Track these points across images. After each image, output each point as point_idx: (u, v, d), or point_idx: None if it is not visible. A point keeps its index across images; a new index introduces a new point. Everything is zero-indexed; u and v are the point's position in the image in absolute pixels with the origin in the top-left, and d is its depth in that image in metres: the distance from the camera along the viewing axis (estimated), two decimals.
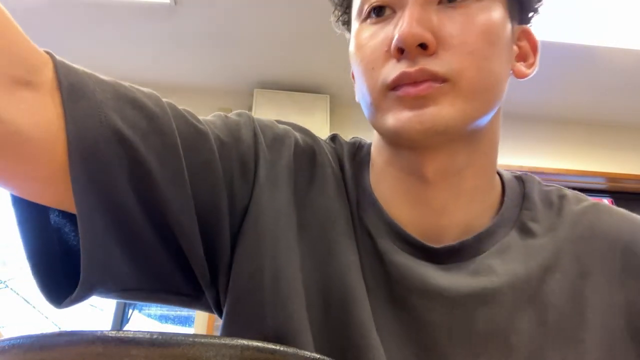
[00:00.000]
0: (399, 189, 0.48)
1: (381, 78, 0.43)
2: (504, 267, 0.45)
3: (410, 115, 0.41)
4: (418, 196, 0.47)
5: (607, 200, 2.87)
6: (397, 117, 0.42)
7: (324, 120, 2.43)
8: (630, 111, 2.66)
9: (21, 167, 0.36)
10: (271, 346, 0.25)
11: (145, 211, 0.40)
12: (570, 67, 2.33)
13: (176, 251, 0.43)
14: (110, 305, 2.38)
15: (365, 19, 0.46)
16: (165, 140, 0.40)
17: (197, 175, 0.42)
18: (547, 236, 0.47)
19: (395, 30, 0.42)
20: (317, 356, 0.26)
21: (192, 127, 0.43)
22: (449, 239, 0.47)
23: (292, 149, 0.50)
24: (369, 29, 0.45)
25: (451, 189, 0.47)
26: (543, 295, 0.44)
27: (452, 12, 0.43)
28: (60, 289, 0.40)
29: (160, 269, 0.43)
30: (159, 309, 2.62)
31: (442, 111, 0.41)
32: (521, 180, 0.53)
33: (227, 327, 0.44)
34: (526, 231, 0.48)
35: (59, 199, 0.38)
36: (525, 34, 0.51)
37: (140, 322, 2.51)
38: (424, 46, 0.41)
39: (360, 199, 0.50)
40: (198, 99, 2.47)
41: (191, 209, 0.41)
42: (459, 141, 0.45)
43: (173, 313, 2.66)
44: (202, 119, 0.46)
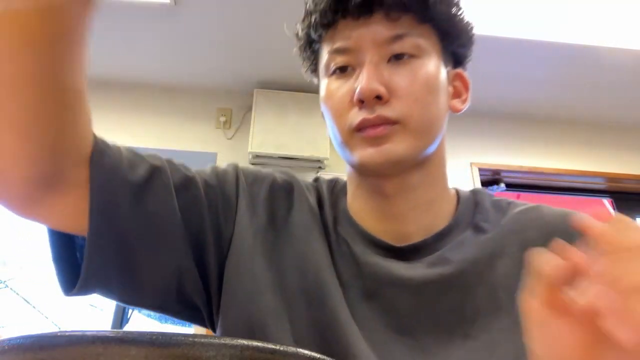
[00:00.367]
0: (369, 206, 0.60)
1: (348, 123, 0.56)
2: (457, 258, 0.55)
3: (372, 152, 0.54)
4: (383, 210, 0.59)
5: (607, 201, 2.87)
6: (362, 153, 0.55)
7: (323, 120, 2.42)
8: (630, 111, 2.66)
9: None
10: (271, 346, 0.25)
11: (143, 236, 0.51)
12: (570, 67, 2.33)
13: (173, 273, 0.53)
14: (110, 305, 2.38)
15: (331, 74, 0.59)
16: (162, 183, 0.53)
17: (187, 208, 0.54)
18: (495, 231, 0.58)
19: (356, 84, 0.55)
20: (317, 356, 0.26)
21: (182, 173, 0.56)
22: (414, 240, 0.58)
23: (270, 184, 0.63)
24: (335, 82, 0.59)
25: (408, 202, 0.58)
26: (493, 277, 0.54)
27: (399, 69, 0.55)
28: (75, 278, 0.49)
29: (155, 288, 0.54)
30: None
31: (396, 147, 0.54)
32: (474, 192, 0.65)
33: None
34: (479, 229, 0.59)
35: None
36: (459, 76, 0.65)
37: (140, 322, 2.51)
38: (379, 97, 0.54)
39: (338, 217, 0.62)
40: (198, 99, 2.47)
41: (183, 235, 0.53)
42: (412, 167, 0.57)
43: None
44: (195, 169, 0.59)
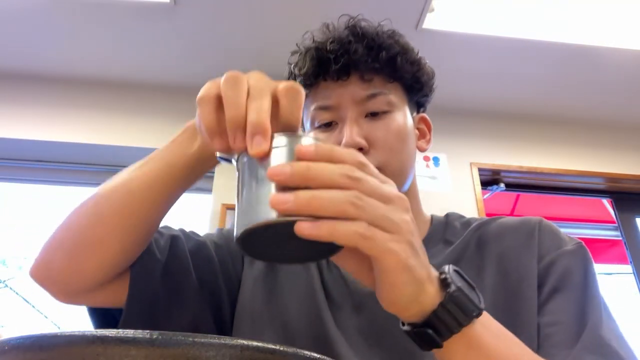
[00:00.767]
0: None
1: None
2: None
3: None
4: None
5: (606, 201, 2.87)
6: None
7: None
8: (631, 111, 2.66)
9: None
10: (271, 346, 0.25)
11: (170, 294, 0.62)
12: (570, 67, 2.33)
13: (189, 323, 0.64)
14: None
15: (317, 128, 0.68)
16: (178, 251, 0.64)
17: (201, 269, 0.65)
18: (458, 241, 0.68)
19: (340, 137, 0.64)
20: (317, 356, 0.26)
21: (195, 239, 0.67)
22: None
23: None
24: (322, 135, 0.67)
25: None
26: None
27: (376, 123, 0.66)
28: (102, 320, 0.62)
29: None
30: None
31: None
32: (447, 215, 0.76)
33: None
34: (448, 243, 0.69)
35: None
36: (423, 119, 0.77)
37: None
38: (361, 149, 0.63)
39: None
40: None
41: (199, 292, 0.64)
42: None
43: None
44: (204, 233, 0.71)
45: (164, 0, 1.93)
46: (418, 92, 0.73)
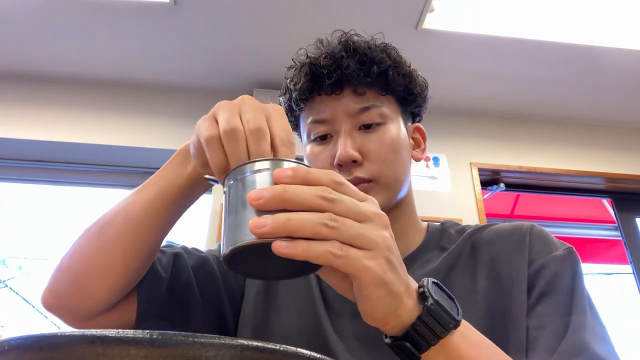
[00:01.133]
0: None
1: None
2: (421, 272, 0.67)
3: None
4: None
5: (606, 201, 2.87)
6: None
7: None
8: (630, 111, 2.66)
9: None
10: (271, 346, 0.24)
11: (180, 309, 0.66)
12: (570, 67, 2.33)
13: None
14: None
15: (313, 140, 0.71)
16: (180, 268, 0.67)
17: (203, 282, 0.68)
18: (454, 247, 0.70)
19: (335, 150, 0.67)
20: (317, 355, 0.26)
21: (197, 255, 0.70)
22: None
23: None
24: (317, 147, 0.70)
25: None
26: (449, 282, 0.65)
27: (369, 135, 0.68)
28: None
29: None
30: None
31: None
32: (443, 223, 0.77)
33: None
34: (443, 249, 0.71)
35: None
36: (417, 129, 0.78)
37: None
38: (354, 161, 0.66)
39: None
40: (198, 99, 2.46)
41: (200, 306, 0.67)
42: (387, 210, 0.66)
43: None
44: (206, 249, 0.73)
45: (164, 0, 1.93)
46: (411, 103, 0.74)
